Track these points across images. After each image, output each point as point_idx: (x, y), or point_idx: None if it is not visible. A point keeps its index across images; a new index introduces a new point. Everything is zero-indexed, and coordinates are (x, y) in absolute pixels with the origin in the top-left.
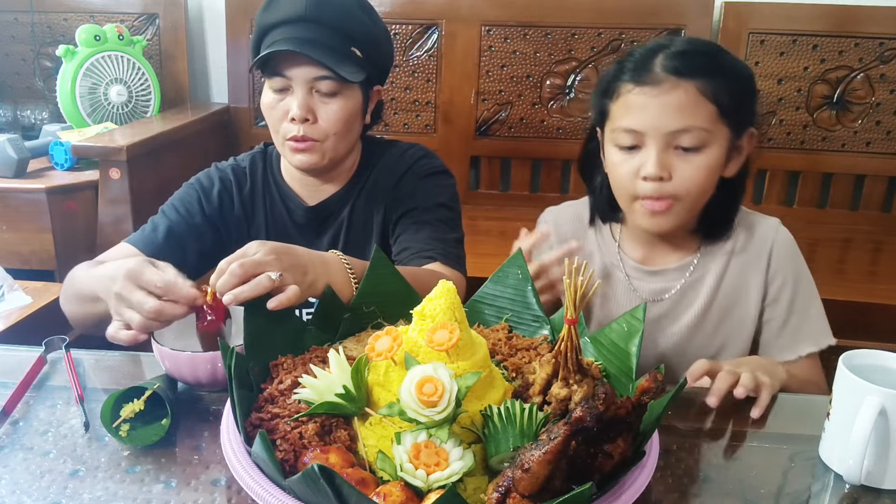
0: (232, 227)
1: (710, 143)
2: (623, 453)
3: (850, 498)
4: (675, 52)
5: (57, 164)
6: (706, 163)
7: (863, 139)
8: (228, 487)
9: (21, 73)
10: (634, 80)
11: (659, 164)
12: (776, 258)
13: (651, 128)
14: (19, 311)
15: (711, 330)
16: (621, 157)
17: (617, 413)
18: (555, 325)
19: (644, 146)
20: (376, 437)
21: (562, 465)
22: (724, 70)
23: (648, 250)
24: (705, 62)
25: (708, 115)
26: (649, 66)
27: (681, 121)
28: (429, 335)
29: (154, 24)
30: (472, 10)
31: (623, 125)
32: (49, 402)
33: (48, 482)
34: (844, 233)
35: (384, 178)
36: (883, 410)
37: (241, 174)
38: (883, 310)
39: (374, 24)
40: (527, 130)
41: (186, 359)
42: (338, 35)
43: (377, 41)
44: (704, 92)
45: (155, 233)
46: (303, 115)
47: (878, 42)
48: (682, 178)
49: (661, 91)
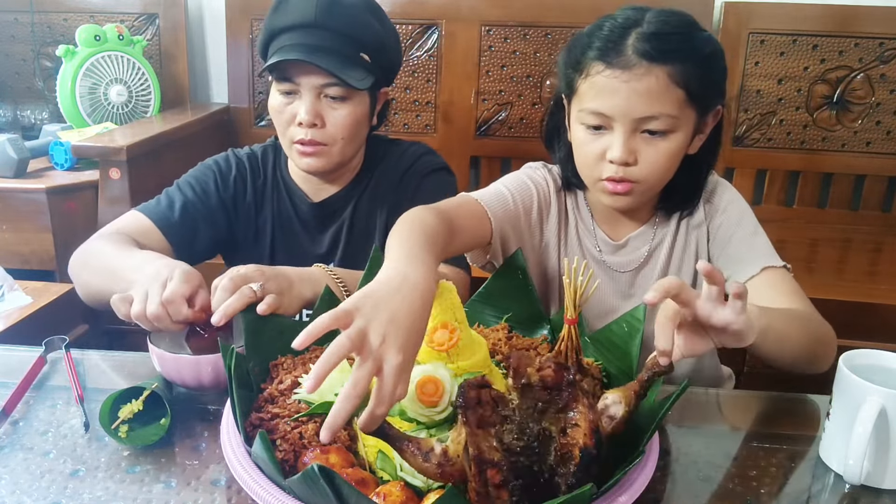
0: (242, 215)
1: (677, 128)
2: (590, 418)
3: (850, 498)
4: (649, 34)
5: (57, 164)
6: (671, 148)
7: (863, 139)
8: (228, 487)
9: (21, 73)
10: (605, 61)
11: (626, 148)
12: (713, 207)
13: (620, 113)
14: (19, 311)
15: None
16: (587, 136)
17: (543, 376)
18: (555, 325)
19: (611, 129)
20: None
21: (487, 444)
22: (696, 53)
23: (614, 220)
24: (678, 45)
25: (676, 100)
26: (621, 46)
27: (650, 108)
28: (429, 335)
29: (154, 24)
30: (472, 10)
31: (591, 107)
32: (49, 402)
33: (48, 482)
34: (844, 233)
35: (387, 177)
36: (883, 410)
37: (256, 164)
38: (883, 310)
39: (383, 28)
40: (527, 130)
41: (187, 362)
42: (347, 41)
43: (386, 45)
44: (675, 78)
45: (171, 210)
46: (310, 121)
47: (878, 42)
48: (647, 163)
49: (631, 76)
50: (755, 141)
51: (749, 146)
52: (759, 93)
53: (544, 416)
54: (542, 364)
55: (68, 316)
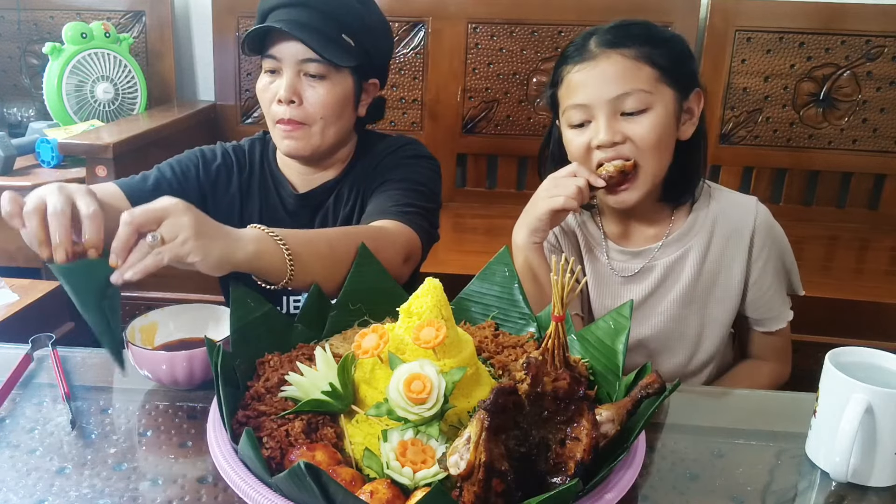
0: (222, 205)
1: (654, 103)
2: (592, 435)
3: (836, 495)
4: (607, 29)
5: (43, 161)
6: (654, 122)
7: (849, 137)
8: (215, 485)
9: (7, 70)
10: (573, 62)
11: (609, 129)
12: (759, 238)
13: (594, 98)
14: (5, 308)
15: (698, 307)
16: (574, 133)
17: (557, 387)
18: (541, 322)
19: (593, 119)
20: (363, 434)
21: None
22: (655, 37)
23: (625, 227)
24: (636, 32)
25: (646, 77)
26: (585, 46)
27: (621, 85)
28: (415, 332)
29: (140, 21)
30: (458, 8)
31: (570, 103)
32: (35, 399)
33: (35, 480)
34: (831, 230)
35: (369, 163)
36: (869, 408)
37: (243, 157)
38: (869, 307)
39: (367, 13)
40: (513, 128)
41: (163, 358)
42: (328, 20)
43: (371, 30)
44: (639, 57)
45: (144, 182)
46: (288, 97)
47: (864, 39)
48: (637, 138)
49: (597, 63)
50: (742, 138)
51: (736, 144)
52: (746, 90)
53: (546, 425)
54: (558, 375)
55: (55, 313)
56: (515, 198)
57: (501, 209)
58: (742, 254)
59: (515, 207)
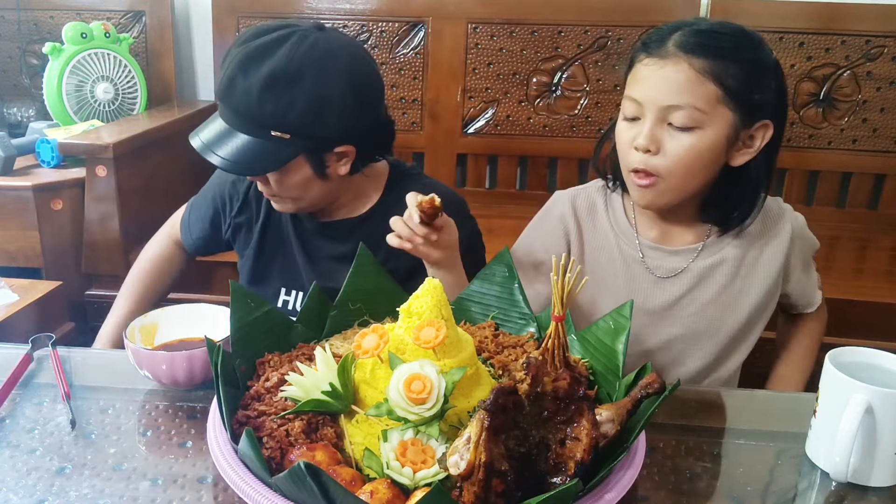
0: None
1: (706, 124)
2: (592, 435)
3: (836, 495)
4: (693, 30)
5: (43, 161)
6: (696, 144)
7: (849, 137)
8: (215, 485)
9: (7, 70)
10: (647, 52)
11: (649, 136)
12: (795, 247)
13: (648, 99)
14: (6, 308)
15: (731, 310)
16: (624, 126)
17: (557, 387)
18: (541, 322)
19: (643, 117)
20: (363, 434)
21: (498, 451)
22: (738, 53)
23: (662, 229)
24: (718, 42)
25: (706, 94)
26: (665, 41)
27: (675, 97)
28: (415, 333)
29: (140, 21)
30: (458, 8)
31: (628, 94)
32: (35, 399)
33: (35, 480)
34: (831, 230)
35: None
36: (869, 408)
37: None
38: (869, 307)
39: (290, 99)
40: (513, 128)
41: (161, 358)
42: (242, 121)
43: (305, 113)
44: (707, 71)
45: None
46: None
47: (864, 39)
48: (669, 154)
49: (664, 64)
50: None
51: None
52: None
53: (546, 425)
54: (557, 375)
55: (55, 314)
56: (515, 198)
57: (501, 209)
58: (778, 261)
59: (515, 207)
